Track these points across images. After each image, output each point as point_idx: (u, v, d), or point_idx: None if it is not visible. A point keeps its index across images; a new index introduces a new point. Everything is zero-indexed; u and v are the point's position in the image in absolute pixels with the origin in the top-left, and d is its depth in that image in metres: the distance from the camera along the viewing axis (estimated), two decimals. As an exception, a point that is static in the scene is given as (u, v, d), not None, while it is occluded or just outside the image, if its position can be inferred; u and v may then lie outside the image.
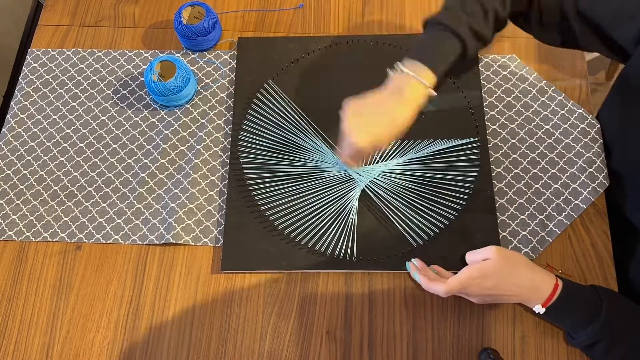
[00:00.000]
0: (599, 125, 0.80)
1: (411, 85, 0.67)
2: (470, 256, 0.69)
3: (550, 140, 0.80)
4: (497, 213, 0.76)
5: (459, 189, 0.77)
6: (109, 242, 0.77)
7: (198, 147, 0.82)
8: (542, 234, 0.75)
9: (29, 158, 0.83)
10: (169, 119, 0.84)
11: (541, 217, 0.76)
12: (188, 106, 0.85)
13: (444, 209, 0.76)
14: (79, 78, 0.88)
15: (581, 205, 0.76)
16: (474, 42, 0.70)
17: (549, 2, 0.70)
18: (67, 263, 0.77)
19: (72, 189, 0.80)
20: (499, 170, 0.79)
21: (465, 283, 0.65)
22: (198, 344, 0.72)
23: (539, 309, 0.66)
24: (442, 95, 0.75)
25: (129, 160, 0.82)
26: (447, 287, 0.65)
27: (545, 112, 0.82)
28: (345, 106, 0.69)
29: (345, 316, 0.72)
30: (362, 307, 0.73)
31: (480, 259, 0.67)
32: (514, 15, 0.74)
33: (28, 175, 0.82)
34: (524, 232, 0.75)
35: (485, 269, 0.65)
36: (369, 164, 0.79)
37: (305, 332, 0.72)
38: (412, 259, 0.73)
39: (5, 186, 0.81)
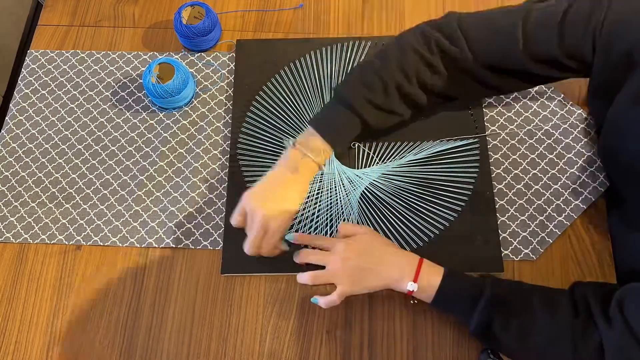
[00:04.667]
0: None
1: (304, 163, 0.71)
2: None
3: (549, 141, 0.80)
4: (497, 214, 0.76)
5: (458, 191, 0.77)
6: (107, 244, 0.77)
7: (197, 149, 0.82)
8: (542, 234, 0.75)
9: (27, 160, 0.83)
10: (168, 121, 0.84)
11: (541, 218, 0.76)
12: (187, 108, 0.85)
13: (444, 210, 0.76)
14: (78, 80, 0.88)
15: (581, 206, 0.76)
16: (378, 115, 0.71)
17: (495, 55, 0.69)
18: (67, 263, 0.77)
19: (70, 191, 0.80)
20: (498, 171, 0.79)
21: (355, 228, 0.70)
22: (198, 344, 0.72)
23: (412, 285, 0.65)
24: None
25: (127, 163, 0.82)
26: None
27: (544, 113, 0.82)
28: (245, 199, 0.70)
29: (345, 316, 0.73)
30: (362, 307, 0.73)
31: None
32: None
33: (26, 177, 0.81)
34: (524, 233, 0.75)
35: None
36: (369, 166, 0.79)
37: (305, 332, 0.72)
38: (298, 276, 0.71)
39: (3, 188, 0.81)
